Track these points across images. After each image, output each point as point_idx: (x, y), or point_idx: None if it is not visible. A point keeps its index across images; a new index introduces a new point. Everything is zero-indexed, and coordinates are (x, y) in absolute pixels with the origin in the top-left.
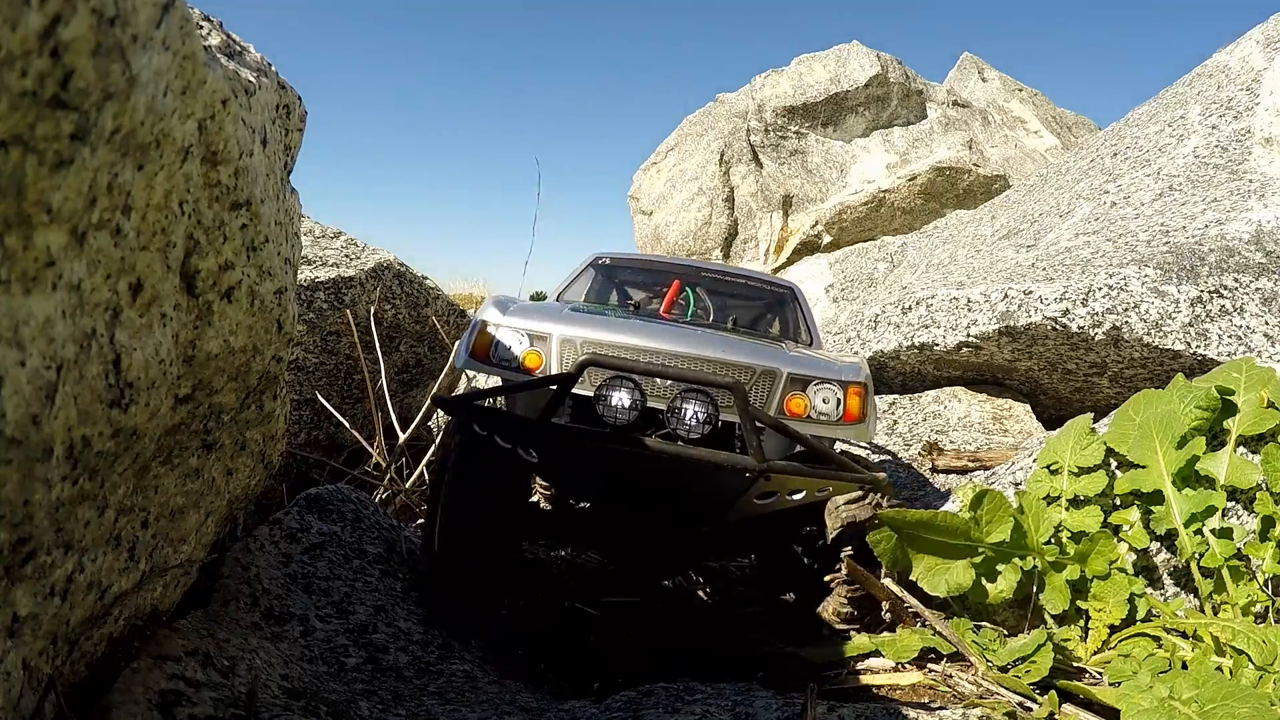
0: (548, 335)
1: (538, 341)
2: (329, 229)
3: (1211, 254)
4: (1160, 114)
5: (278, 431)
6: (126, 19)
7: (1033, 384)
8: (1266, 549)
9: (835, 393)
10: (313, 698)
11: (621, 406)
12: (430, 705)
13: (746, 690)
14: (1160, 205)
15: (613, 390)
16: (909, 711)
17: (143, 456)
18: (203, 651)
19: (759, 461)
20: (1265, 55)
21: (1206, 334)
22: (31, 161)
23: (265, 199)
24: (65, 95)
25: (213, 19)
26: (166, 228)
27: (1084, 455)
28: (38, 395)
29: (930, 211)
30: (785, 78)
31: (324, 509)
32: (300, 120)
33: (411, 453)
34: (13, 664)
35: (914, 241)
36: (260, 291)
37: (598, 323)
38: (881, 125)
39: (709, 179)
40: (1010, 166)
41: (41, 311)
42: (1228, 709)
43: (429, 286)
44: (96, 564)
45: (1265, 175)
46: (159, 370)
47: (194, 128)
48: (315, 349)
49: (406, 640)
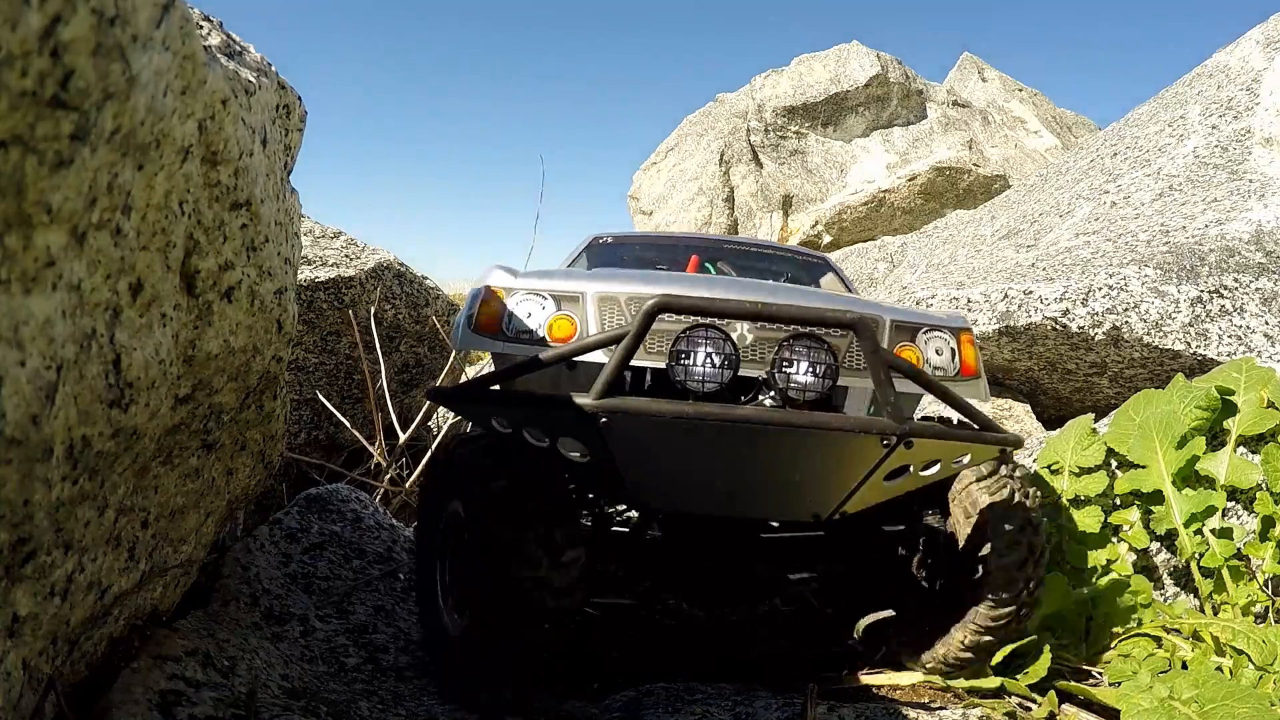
0: (580, 295)
1: (567, 304)
2: (329, 229)
3: (1211, 254)
4: (1160, 114)
5: (278, 431)
6: (126, 19)
7: (1033, 384)
8: (1266, 549)
9: (949, 342)
10: (313, 698)
11: (711, 367)
12: (430, 705)
13: (746, 690)
14: (1160, 205)
15: (696, 346)
16: (909, 711)
17: (143, 456)
18: (203, 651)
19: (899, 423)
20: (1265, 55)
21: (1206, 334)
22: (31, 161)
23: (265, 199)
24: (65, 95)
25: (213, 19)
26: (166, 228)
27: (1084, 455)
28: (38, 395)
29: (930, 211)
30: (785, 78)
31: (324, 509)
32: (300, 120)
33: (411, 453)
34: (13, 664)
35: (914, 241)
36: (260, 291)
37: (638, 278)
38: (881, 125)
39: (709, 179)
40: (1010, 166)
41: (41, 311)
42: (1228, 709)
43: (429, 286)
44: (96, 564)
45: (1265, 175)
46: (159, 370)
47: (194, 128)
48: (315, 349)
49: (406, 640)
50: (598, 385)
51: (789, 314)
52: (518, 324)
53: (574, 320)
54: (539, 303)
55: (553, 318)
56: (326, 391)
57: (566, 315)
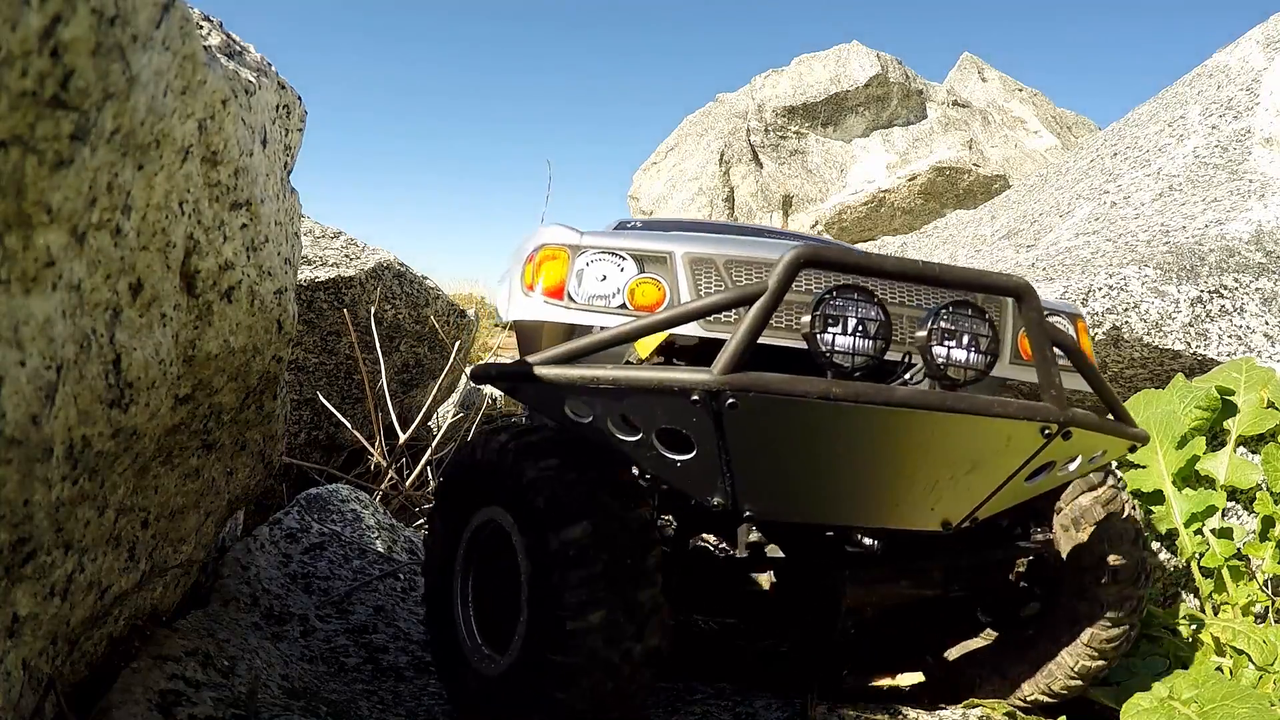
0: (667, 255)
1: (652, 266)
2: (329, 229)
3: (1211, 254)
4: (1160, 114)
5: (278, 431)
6: (126, 19)
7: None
8: (1266, 549)
9: (1069, 328)
10: (313, 698)
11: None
12: (430, 705)
13: (746, 690)
14: (1160, 205)
15: (845, 312)
16: (909, 711)
17: (143, 456)
18: (203, 651)
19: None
20: (1265, 55)
21: (1206, 334)
22: (31, 161)
23: (265, 199)
24: (65, 95)
25: (213, 19)
26: (166, 228)
27: None
28: (38, 395)
29: (930, 211)
30: (785, 78)
31: (324, 509)
32: (300, 120)
33: (411, 453)
34: (13, 664)
35: (914, 241)
36: (260, 291)
37: (727, 241)
38: (881, 125)
39: (709, 179)
40: (1010, 166)
41: (41, 311)
42: (1227, 709)
43: (429, 286)
44: (96, 564)
45: (1265, 175)
46: (159, 370)
47: (194, 128)
48: (315, 349)
49: (406, 640)
50: (725, 358)
51: (955, 277)
52: (590, 288)
53: (661, 285)
54: (615, 264)
55: (634, 280)
56: (326, 392)
57: (652, 279)
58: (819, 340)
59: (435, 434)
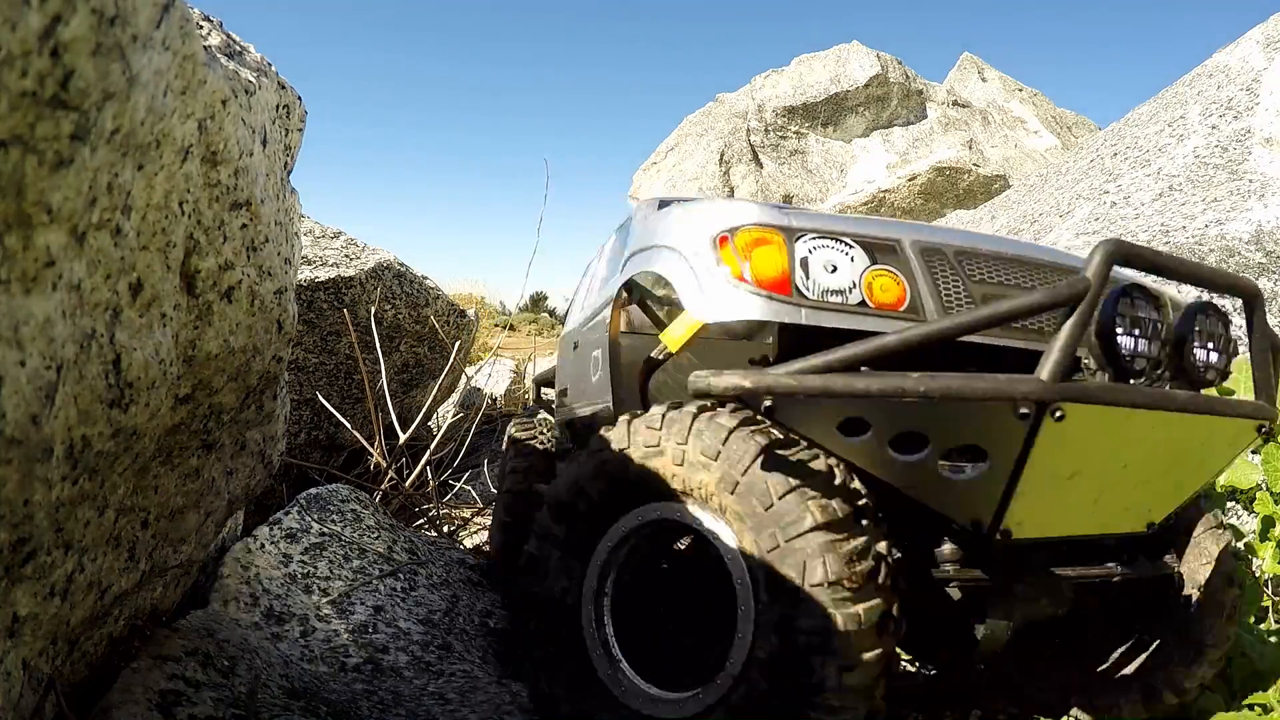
0: (895, 243)
1: (884, 256)
2: (329, 229)
3: (1211, 254)
4: (1160, 114)
5: (278, 431)
6: (126, 19)
7: None
8: (1266, 549)
9: None
10: (313, 698)
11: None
12: (430, 705)
13: None
14: (1160, 205)
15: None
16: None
17: (143, 456)
18: (203, 651)
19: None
20: (1265, 55)
21: None
22: (31, 161)
23: (265, 199)
24: (65, 95)
25: (213, 19)
26: (166, 228)
27: None
28: (38, 395)
29: (930, 211)
30: (785, 78)
31: (324, 509)
32: (300, 120)
33: (411, 453)
34: (13, 664)
35: None
36: (260, 291)
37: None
38: (881, 125)
39: (709, 179)
40: (1010, 166)
41: (41, 311)
42: None
43: (429, 286)
44: (96, 564)
45: (1265, 175)
46: (159, 370)
47: (194, 128)
48: (315, 349)
49: (406, 640)
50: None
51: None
52: (821, 281)
53: (899, 279)
54: (843, 253)
55: (870, 272)
56: (326, 392)
57: (888, 271)
58: (1119, 344)
59: (435, 434)
